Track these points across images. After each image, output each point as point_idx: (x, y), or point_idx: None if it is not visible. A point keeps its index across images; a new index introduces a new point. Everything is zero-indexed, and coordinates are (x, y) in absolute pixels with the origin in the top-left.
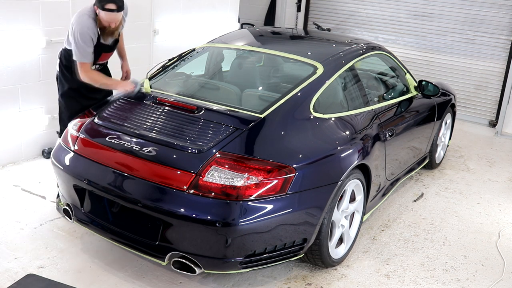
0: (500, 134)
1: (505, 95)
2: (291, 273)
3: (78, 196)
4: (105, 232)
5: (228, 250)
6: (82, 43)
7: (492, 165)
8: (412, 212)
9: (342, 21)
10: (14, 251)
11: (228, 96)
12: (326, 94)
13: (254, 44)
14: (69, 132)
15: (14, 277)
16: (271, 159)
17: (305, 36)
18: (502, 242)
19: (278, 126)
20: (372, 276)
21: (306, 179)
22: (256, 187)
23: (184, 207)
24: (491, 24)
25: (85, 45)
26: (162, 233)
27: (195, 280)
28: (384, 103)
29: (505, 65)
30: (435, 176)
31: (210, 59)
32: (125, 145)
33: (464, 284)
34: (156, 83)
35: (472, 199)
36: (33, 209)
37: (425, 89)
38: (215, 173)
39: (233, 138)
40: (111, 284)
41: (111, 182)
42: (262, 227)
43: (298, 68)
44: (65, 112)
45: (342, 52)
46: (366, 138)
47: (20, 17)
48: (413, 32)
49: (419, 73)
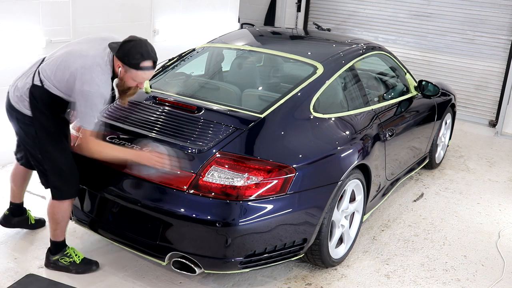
0: (500, 134)
1: (505, 95)
2: (291, 273)
3: (78, 196)
4: (105, 232)
5: (228, 250)
6: (96, 109)
7: (492, 165)
8: (412, 212)
9: (342, 21)
10: (14, 251)
11: (228, 96)
12: (326, 94)
13: (254, 44)
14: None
15: (14, 277)
16: (271, 159)
17: (305, 36)
18: (502, 242)
19: (278, 126)
20: (372, 276)
21: (306, 179)
22: (256, 187)
23: (184, 207)
24: (491, 24)
25: (97, 111)
26: (162, 233)
27: (195, 280)
28: (384, 103)
29: (505, 65)
30: (435, 176)
31: (210, 59)
32: (125, 145)
33: (464, 284)
34: (156, 83)
35: (472, 199)
36: (33, 209)
37: (425, 89)
38: (215, 173)
39: (233, 138)
40: (111, 284)
41: (111, 182)
42: (262, 227)
43: (298, 68)
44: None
45: (342, 52)
46: (366, 138)
47: (20, 17)
48: (413, 32)
49: (419, 73)
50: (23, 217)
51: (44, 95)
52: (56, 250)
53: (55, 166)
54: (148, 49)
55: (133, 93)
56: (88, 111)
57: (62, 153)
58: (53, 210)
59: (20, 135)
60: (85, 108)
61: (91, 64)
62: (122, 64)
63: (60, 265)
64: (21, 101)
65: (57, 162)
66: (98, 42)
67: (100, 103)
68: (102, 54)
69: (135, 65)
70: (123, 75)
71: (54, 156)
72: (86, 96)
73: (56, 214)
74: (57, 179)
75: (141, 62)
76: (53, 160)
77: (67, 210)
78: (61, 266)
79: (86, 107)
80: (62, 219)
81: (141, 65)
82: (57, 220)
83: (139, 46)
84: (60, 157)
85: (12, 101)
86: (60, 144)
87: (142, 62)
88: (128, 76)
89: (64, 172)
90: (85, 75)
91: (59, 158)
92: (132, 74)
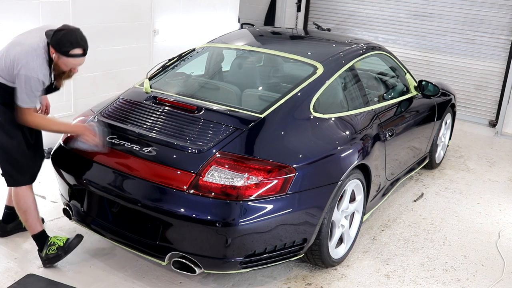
0: (500, 134)
1: (505, 95)
2: (291, 273)
3: (78, 196)
4: (105, 232)
5: (228, 250)
6: (32, 90)
7: (492, 165)
8: (412, 212)
9: (342, 21)
10: (14, 251)
11: (228, 96)
12: (326, 94)
13: (254, 44)
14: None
15: (14, 277)
16: (271, 159)
17: (305, 36)
18: (502, 242)
19: (278, 126)
20: (372, 276)
21: (306, 179)
22: (256, 187)
23: (184, 207)
24: (491, 24)
25: (35, 91)
26: (162, 233)
27: (195, 280)
28: (384, 103)
29: (505, 65)
30: (435, 176)
31: (210, 59)
32: (125, 145)
33: (464, 284)
34: (156, 83)
35: (472, 199)
36: None
37: (425, 89)
38: (215, 173)
39: (233, 138)
40: (111, 284)
41: (111, 182)
42: (262, 227)
43: (298, 68)
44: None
45: (342, 52)
46: (366, 138)
47: (20, 17)
48: (413, 32)
49: (419, 73)
50: (16, 222)
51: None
52: (40, 244)
53: (6, 154)
54: (78, 38)
55: (68, 76)
56: (25, 91)
57: (13, 142)
58: (15, 199)
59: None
60: (23, 89)
61: (27, 50)
62: (55, 51)
63: (52, 257)
64: None
65: (8, 151)
66: (36, 31)
67: (35, 84)
68: (38, 41)
69: (65, 53)
70: (57, 61)
71: (5, 145)
72: (22, 78)
73: (18, 202)
74: (9, 167)
75: (71, 50)
76: (4, 149)
77: (27, 196)
78: (53, 257)
79: (23, 88)
80: (26, 206)
81: (70, 52)
82: (22, 208)
83: (69, 35)
84: (10, 144)
85: None
86: (11, 132)
87: (71, 49)
88: (61, 62)
89: (16, 160)
90: (21, 59)
91: (10, 146)
92: (64, 60)
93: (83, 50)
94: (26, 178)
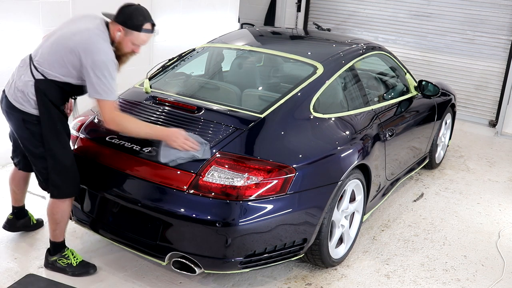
0: (500, 134)
1: (505, 95)
2: (291, 273)
3: (78, 196)
4: (105, 232)
5: (228, 250)
6: (113, 76)
7: (492, 165)
8: (412, 212)
9: (342, 21)
10: (14, 251)
11: (228, 96)
12: (326, 94)
13: (254, 44)
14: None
15: (14, 277)
16: (271, 159)
17: (305, 36)
18: (502, 242)
19: (278, 126)
20: (372, 276)
21: (306, 179)
22: (256, 187)
23: (184, 207)
24: (491, 24)
25: (114, 79)
26: (162, 233)
27: (195, 280)
28: (384, 103)
29: (505, 65)
30: (435, 176)
31: (210, 59)
32: (125, 145)
33: (464, 284)
34: (156, 83)
35: (472, 199)
36: (33, 209)
37: (425, 89)
38: (215, 173)
39: (233, 138)
40: (111, 284)
41: (111, 182)
42: (262, 227)
43: (298, 68)
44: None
45: (342, 52)
46: (366, 138)
47: (20, 17)
48: (413, 32)
49: (419, 73)
50: (26, 219)
51: (51, 87)
52: (54, 250)
53: (58, 163)
54: (148, 14)
55: (125, 60)
56: (104, 80)
57: (65, 151)
58: (52, 210)
59: (23, 136)
60: (100, 78)
61: (90, 35)
62: (123, 28)
63: (58, 266)
64: (25, 101)
65: (60, 160)
66: (86, 19)
67: (113, 69)
68: (97, 25)
69: (137, 27)
70: (122, 39)
71: (58, 154)
72: (99, 65)
73: (56, 214)
74: (58, 178)
75: (144, 24)
76: (56, 158)
77: (66, 210)
78: (59, 267)
79: (101, 77)
80: (61, 219)
81: (144, 26)
82: (57, 220)
83: (141, 9)
84: (63, 154)
85: (15, 103)
86: (64, 141)
87: (145, 23)
88: (128, 39)
89: (66, 170)
90: (89, 46)
91: (62, 155)
92: (133, 37)
93: (153, 26)
94: (72, 190)
